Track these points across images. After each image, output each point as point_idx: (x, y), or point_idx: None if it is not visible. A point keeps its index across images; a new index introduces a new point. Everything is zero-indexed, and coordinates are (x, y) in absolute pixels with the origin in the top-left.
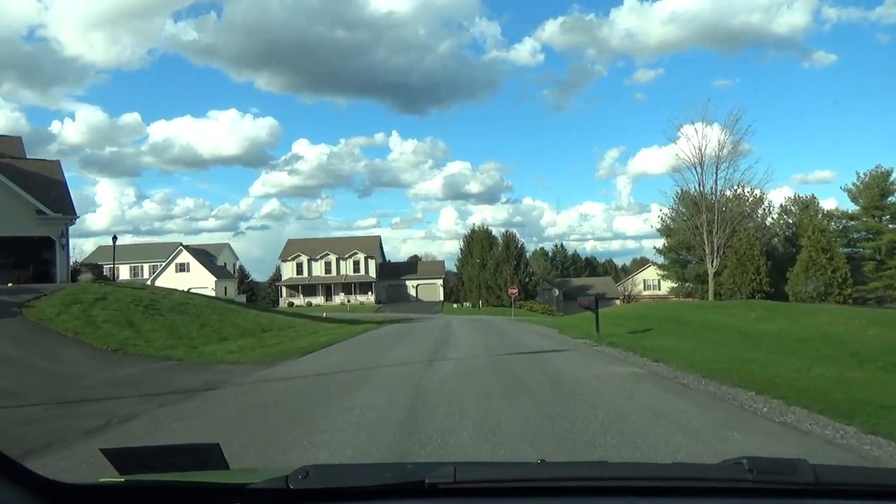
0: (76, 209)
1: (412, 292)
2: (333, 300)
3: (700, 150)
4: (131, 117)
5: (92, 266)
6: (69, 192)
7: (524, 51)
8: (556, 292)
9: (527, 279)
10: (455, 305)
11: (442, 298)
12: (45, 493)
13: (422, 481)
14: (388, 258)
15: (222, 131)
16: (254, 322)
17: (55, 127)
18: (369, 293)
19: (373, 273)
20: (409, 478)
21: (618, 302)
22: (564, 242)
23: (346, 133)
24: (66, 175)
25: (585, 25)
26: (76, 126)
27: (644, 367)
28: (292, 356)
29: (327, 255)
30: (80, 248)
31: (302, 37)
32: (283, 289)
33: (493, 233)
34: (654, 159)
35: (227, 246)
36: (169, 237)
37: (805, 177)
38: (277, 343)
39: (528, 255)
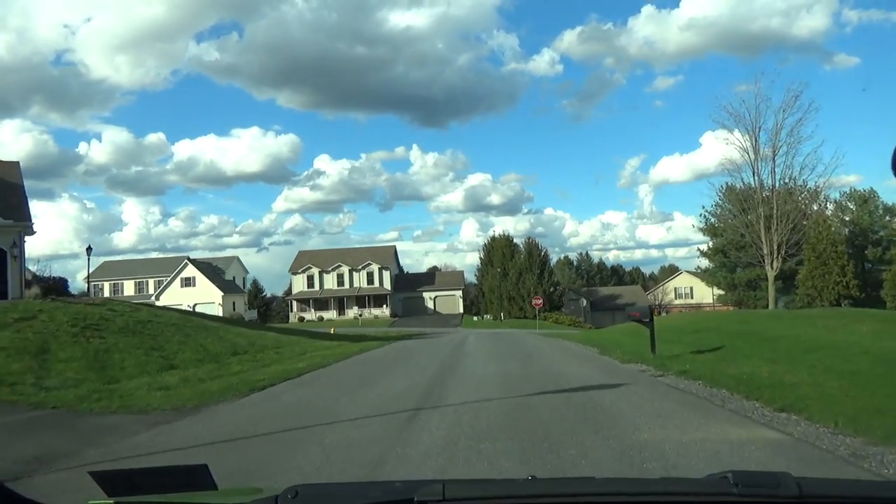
0: (28, 218)
1: (430, 304)
2: (346, 314)
3: (753, 132)
4: (156, 137)
5: (50, 280)
6: (27, 198)
7: (542, 62)
8: (584, 303)
9: (551, 289)
10: (475, 318)
11: (461, 311)
12: None
13: (411, 499)
14: (405, 269)
15: (245, 149)
16: (229, 343)
17: (82, 148)
18: (384, 306)
19: (388, 285)
20: (397, 496)
21: (667, 313)
22: (589, 251)
23: (367, 148)
24: (93, 195)
25: (603, 35)
26: (102, 147)
27: (770, 423)
28: (232, 396)
29: (339, 266)
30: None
31: (322, 54)
32: (294, 303)
33: (515, 240)
34: (676, 167)
35: (237, 259)
36: (193, 254)
37: (828, 181)
38: (240, 371)
39: (552, 263)
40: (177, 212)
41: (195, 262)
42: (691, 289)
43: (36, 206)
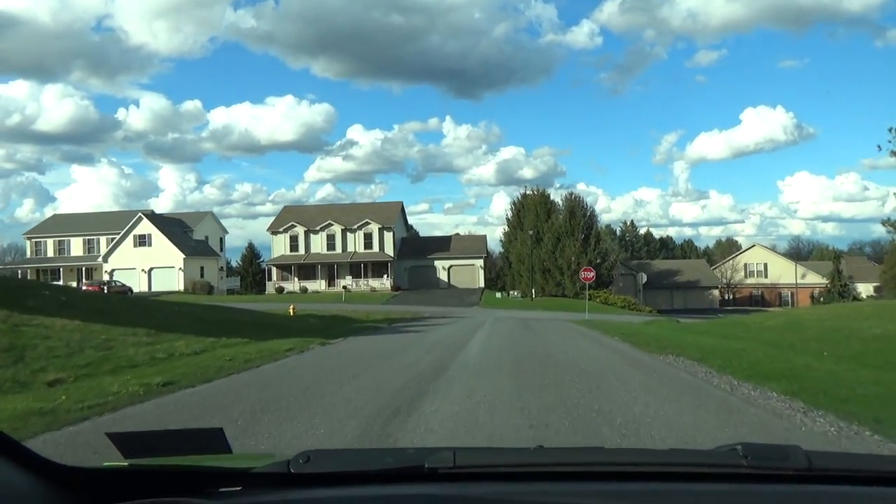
0: None
1: (443, 276)
2: (337, 285)
3: None
4: (193, 104)
5: None
6: None
7: (581, 34)
8: (644, 278)
9: (598, 260)
10: (498, 295)
11: (482, 285)
12: (50, 476)
13: (421, 466)
14: (416, 232)
15: (279, 117)
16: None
17: (121, 114)
18: (384, 276)
19: (389, 250)
20: (409, 462)
21: (781, 308)
22: (634, 221)
23: (400, 118)
24: (131, 161)
25: (645, 5)
26: (141, 113)
27: None
28: None
29: (330, 226)
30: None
31: (358, 23)
32: (274, 270)
33: (552, 197)
34: (714, 144)
35: (210, 216)
36: (226, 222)
37: (875, 161)
38: None
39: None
40: (212, 179)
41: (152, 217)
42: (765, 266)
43: (76, 171)
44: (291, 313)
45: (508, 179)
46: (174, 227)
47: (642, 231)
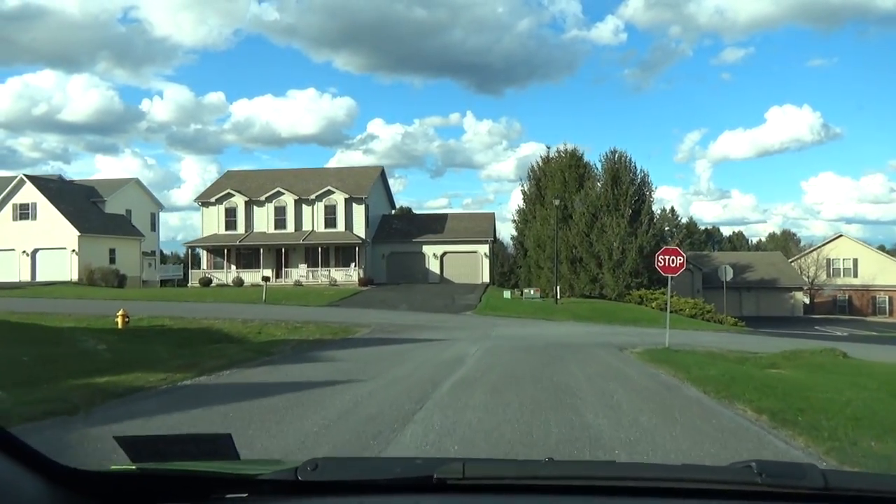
0: None
1: (433, 266)
2: (289, 275)
3: None
4: (216, 96)
5: None
6: None
7: (606, 29)
8: (730, 272)
9: (652, 244)
10: (507, 294)
11: (486, 279)
12: (58, 479)
13: (430, 476)
14: (399, 206)
15: (301, 110)
16: None
17: (145, 105)
18: (352, 265)
19: (360, 229)
20: (417, 472)
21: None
22: (674, 207)
23: (420, 113)
24: (153, 152)
25: (672, 1)
26: (164, 104)
27: None
28: None
29: (279, 195)
30: None
31: (381, 16)
32: (203, 254)
33: (585, 158)
34: (738, 143)
35: (135, 183)
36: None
37: None
38: None
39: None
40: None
41: (38, 182)
42: (854, 262)
43: (100, 161)
44: (120, 324)
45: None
46: (74, 195)
47: (684, 220)
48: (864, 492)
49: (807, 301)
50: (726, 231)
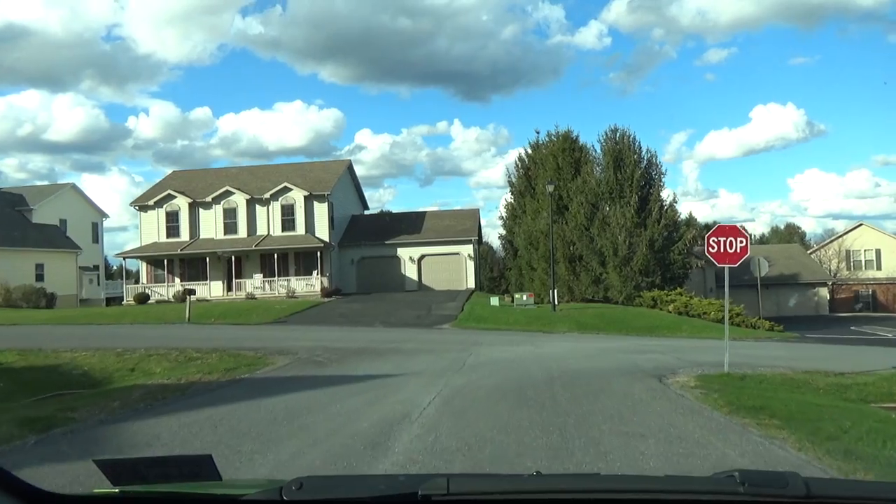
0: None
1: (410, 271)
2: (244, 287)
3: None
4: (202, 112)
5: None
6: None
7: (589, 34)
8: (766, 265)
9: (664, 234)
10: (495, 301)
11: (471, 285)
12: None
13: (415, 493)
14: (371, 206)
15: (288, 123)
16: None
17: (131, 122)
18: (314, 273)
19: (323, 231)
20: (401, 489)
21: None
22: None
23: (408, 122)
24: (140, 169)
25: (654, 4)
26: (150, 121)
27: None
28: None
29: (229, 195)
30: None
31: (365, 27)
32: (143, 266)
33: (581, 141)
34: (724, 143)
35: (70, 189)
36: None
37: (887, 157)
38: None
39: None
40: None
41: None
42: (877, 253)
43: (87, 180)
44: None
45: None
46: None
47: (683, 213)
48: (845, 499)
49: (832, 297)
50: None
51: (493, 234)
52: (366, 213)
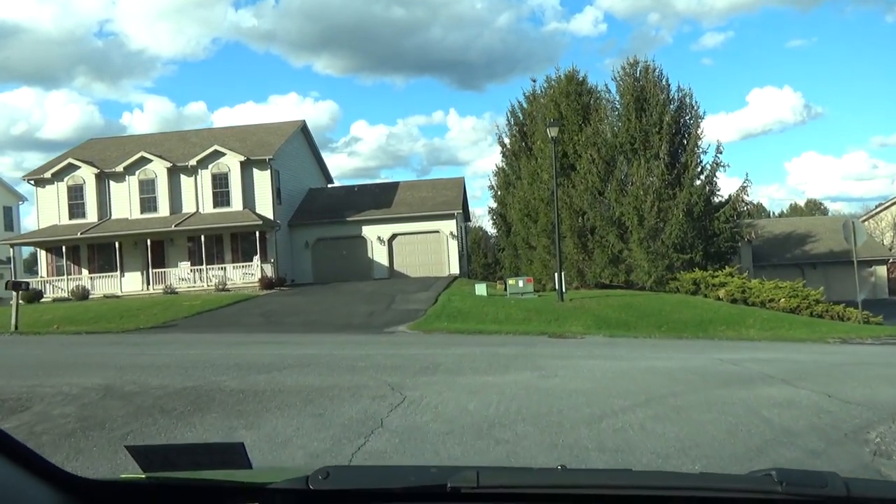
0: None
1: (378, 255)
2: (164, 278)
3: None
4: (197, 106)
5: None
6: None
7: (585, 21)
8: (848, 228)
9: (702, 198)
10: (482, 289)
11: (455, 270)
12: (67, 489)
13: (444, 485)
14: (333, 180)
15: (283, 116)
16: None
17: (126, 118)
18: (254, 258)
19: (265, 206)
20: (430, 481)
21: None
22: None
23: (404, 113)
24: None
25: None
26: (145, 117)
27: None
28: None
29: (145, 163)
30: None
31: (359, 18)
32: (43, 256)
33: (591, 83)
34: (721, 127)
35: None
36: None
37: (885, 139)
38: None
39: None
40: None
41: None
42: None
43: None
44: None
45: None
46: None
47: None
48: (887, 500)
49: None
50: None
51: (487, 221)
52: (329, 186)
